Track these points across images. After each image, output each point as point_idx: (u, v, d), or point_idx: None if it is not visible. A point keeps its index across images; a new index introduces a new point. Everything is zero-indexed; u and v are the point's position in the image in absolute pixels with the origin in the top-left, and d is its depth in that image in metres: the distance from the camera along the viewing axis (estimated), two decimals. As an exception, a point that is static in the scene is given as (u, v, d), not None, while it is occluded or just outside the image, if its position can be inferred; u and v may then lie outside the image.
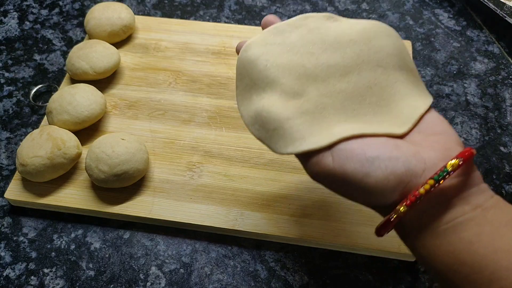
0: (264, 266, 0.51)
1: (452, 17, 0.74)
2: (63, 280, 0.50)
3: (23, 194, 0.55)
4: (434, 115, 0.36)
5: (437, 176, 0.31)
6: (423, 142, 0.34)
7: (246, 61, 0.39)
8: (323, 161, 0.34)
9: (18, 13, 0.76)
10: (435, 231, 0.32)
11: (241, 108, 0.40)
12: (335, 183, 0.34)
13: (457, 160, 0.31)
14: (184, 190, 0.55)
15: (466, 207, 0.32)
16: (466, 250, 0.31)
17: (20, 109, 0.65)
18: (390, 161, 0.32)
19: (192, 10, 0.76)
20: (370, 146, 0.33)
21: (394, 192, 0.32)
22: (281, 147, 0.36)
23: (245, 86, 0.40)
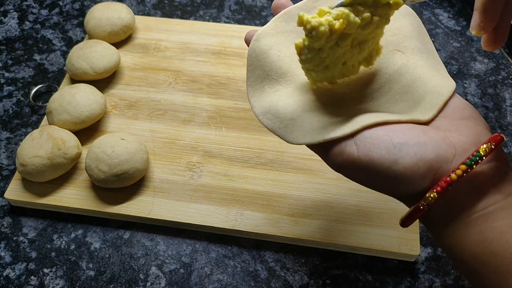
0: (264, 266, 0.51)
1: (452, 17, 0.74)
2: (63, 280, 0.50)
3: (23, 194, 0.55)
4: (459, 100, 0.35)
5: (470, 161, 0.30)
6: (451, 127, 0.33)
7: (258, 51, 0.38)
8: (346, 151, 0.32)
9: (18, 13, 0.76)
10: (465, 220, 0.31)
11: (252, 99, 0.38)
12: (361, 173, 0.32)
13: (489, 144, 0.30)
14: (184, 190, 0.55)
15: (498, 195, 0.30)
16: (497, 240, 0.30)
17: (20, 109, 0.65)
18: (419, 146, 0.31)
19: (192, 10, 0.76)
20: (396, 132, 0.32)
21: (424, 179, 0.31)
22: (298, 137, 0.34)
23: (257, 77, 0.38)
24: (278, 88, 0.37)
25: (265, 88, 0.38)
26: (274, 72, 0.38)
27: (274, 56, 0.38)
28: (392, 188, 0.32)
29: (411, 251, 0.49)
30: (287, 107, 0.35)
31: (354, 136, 0.32)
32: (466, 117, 0.33)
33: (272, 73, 0.38)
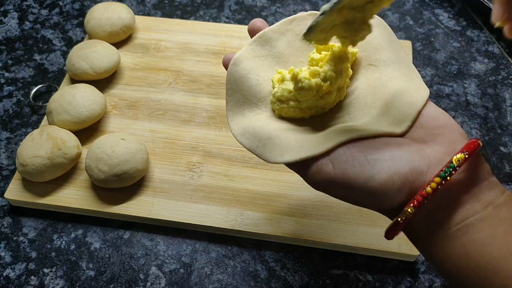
0: (264, 266, 0.51)
1: (452, 17, 0.74)
2: (63, 280, 0.50)
3: (23, 194, 0.55)
4: (433, 108, 0.34)
5: (443, 173, 0.29)
6: (425, 137, 0.33)
7: (237, 76, 0.39)
8: (323, 169, 0.32)
9: (18, 13, 0.76)
10: (446, 232, 0.30)
11: (232, 122, 0.38)
12: (339, 190, 0.33)
13: (462, 154, 0.30)
14: (184, 190, 0.55)
15: (477, 205, 0.30)
16: (479, 252, 0.29)
17: (20, 109, 0.65)
18: (393, 161, 0.31)
19: (192, 10, 0.76)
20: (370, 148, 0.32)
21: (400, 193, 0.31)
22: (276, 156, 0.35)
23: (236, 101, 0.39)
24: (258, 112, 0.38)
25: (245, 112, 0.39)
26: (253, 97, 0.39)
27: (253, 81, 0.38)
28: (371, 203, 0.33)
29: (411, 251, 0.49)
30: (265, 127, 0.36)
31: (330, 154, 0.32)
32: (440, 125, 0.33)
33: (251, 97, 0.39)
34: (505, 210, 0.30)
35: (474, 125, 0.62)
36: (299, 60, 0.39)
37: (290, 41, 0.39)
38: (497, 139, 0.61)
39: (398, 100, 0.35)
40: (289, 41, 0.39)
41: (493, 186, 0.31)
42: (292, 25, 0.40)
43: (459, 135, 0.32)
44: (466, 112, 0.63)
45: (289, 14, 0.75)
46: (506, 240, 0.29)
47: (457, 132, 0.33)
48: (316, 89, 0.36)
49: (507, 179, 0.57)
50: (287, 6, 0.76)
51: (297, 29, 0.40)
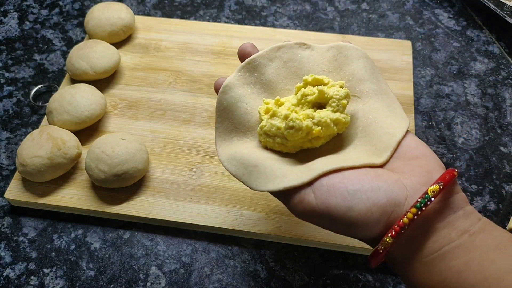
0: (264, 266, 0.51)
1: (452, 17, 0.74)
2: (63, 280, 0.50)
3: (23, 194, 0.55)
4: (412, 139, 0.36)
5: (419, 203, 0.31)
6: (404, 167, 0.34)
7: (226, 104, 0.39)
8: (305, 199, 0.33)
9: (18, 13, 0.76)
10: (423, 260, 0.31)
11: (220, 149, 0.39)
12: (320, 220, 0.33)
13: (437, 185, 0.31)
14: (184, 190, 0.55)
15: (452, 233, 0.31)
16: (455, 279, 0.30)
17: (20, 109, 0.65)
18: (372, 192, 0.32)
19: (192, 10, 0.76)
20: (350, 179, 0.33)
21: (378, 224, 0.32)
22: (261, 184, 0.35)
23: (225, 128, 0.40)
24: (246, 141, 0.39)
25: (233, 140, 0.40)
26: (242, 126, 0.40)
27: (242, 109, 0.39)
28: (351, 232, 0.33)
29: (411, 251, 0.49)
30: (252, 154, 0.37)
31: (312, 184, 0.33)
32: (418, 156, 0.34)
33: (240, 126, 0.40)
34: (481, 237, 0.31)
35: (474, 125, 0.62)
36: (286, 88, 0.41)
37: (277, 68, 0.41)
38: (497, 139, 0.61)
39: (379, 131, 0.36)
40: (277, 68, 0.41)
41: (468, 214, 0.32)
42: (280, 52, 0.41)
43: (436, 165, 0.34)
44: (466, 112, 0.63)
45: (289, 14, 0.75)
46: (482, 266, 0.30)
47: (434, 162, 0.34)
48: (306, 132, 0.37)
49: (507, 179, 0.57)
50: (287, 6, 0.76)
51: (284, 57, 0.41)
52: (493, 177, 0.57)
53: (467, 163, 0.58)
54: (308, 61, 0.41)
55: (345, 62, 0.40)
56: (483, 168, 0.58)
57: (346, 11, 0.75)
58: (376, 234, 0.32)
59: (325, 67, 0.40)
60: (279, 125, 0.37)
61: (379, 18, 0.74)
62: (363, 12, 0.75)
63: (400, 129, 0.36)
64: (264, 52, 0.41)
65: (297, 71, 0.41)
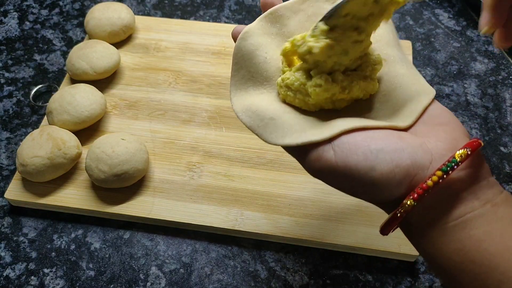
0: (264, 266, 0.51)
1: (452, 17, 0.74)
2: (63, 280, 0.50)
3: (23, 194, 0.55)
4: (438, 106, 0.35)
5: (445, 167, 0.29)
6: (429, 133, 0.33)
7: (245, 51, 0.37)
8: (324, 156, 0.32)
9: (18, 13, 0.76)
10: (443, 227, 0.30)
11: (234, 98, 0.37)
12: (338, 179, 0.32)
13: (465, 150, 0.30)
14: (184, 190, 0.55)
15: (475, 202, 0.30)
16: (475, 248, 0.29)
17: (20, 109, 0.65)
18: (396, 153, 0.30)
19: (192, 10, 0.76)
20: (373, 138, 0.31)
21: (400, 186, 0.31)
22: (277, 137, 0.33)
23: (241, 77, 0.38)
24: (262, 91, 0.37)
25: (249, 89, 0.37)
26: (260, 75, 0.37)
27: (261, 58, 0.37)
28: (370, 194, 0.32)
29: (411, 251, 0.49)
30: (269, 106, 0.35)
31: (332, 141, 0.32)
32: (444, 122, 0.33)
33: (258, 75, 0.37)
34: (503, 209, 0.30)
35: (474, 125, 0.62)
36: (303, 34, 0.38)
37: (301, 21, 0.38)
38: (497, 139, 0.61)
39: (404, 97, 0.35)
40: (300, 22, 0.38)
41: (492, 185, 0.31)
42: (305, 5, 0.39)
43: (462, 134, 0.33)
44: (466, 112, 0.63)
45: (289, 14, 0.75)
46: (503, 237, 0.29)
47: (459, 130, 0.33)
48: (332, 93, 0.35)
49: (507, 179, 0.57)
50: None
51: (309, 10, 0.38)
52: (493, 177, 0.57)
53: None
54: None
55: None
56: (483, 168, 0.58)
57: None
58: (396, 197, 0.31)
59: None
60: (303, 81, 0.35)
61: (379, 18, 0.74)
62: (363, 12, 0.75)
63: (427, 95, 0.35)
64: (289, 3, 0.38)
65: None
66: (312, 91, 0.34)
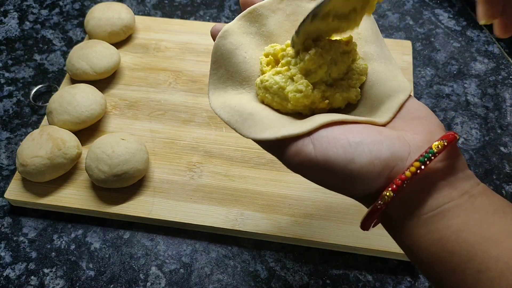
0: (264, 266, 0.51)
1: (452, 17, 0.74)
2: (63, 280, 0.50)
3: (23, 194, 0.55)
4: (413, 101, 0.35)
5: (423, 157, 0.30)
6: (405, 127, 0.33)
7: (224, 49, 0.37)
8: (303, 150, 0.32)
9: (18, 13, 0.76)
10: (421, 218, 0.31)
11: (212, 96, 0.37)
12: (318, 173, 0.32)
13: (441, 141, 0.31)
14: (184, 190, 0.55)
15: (453, 192, 0.31)
16: (454, 238, 0.30)
17: (20, 109, 0.65)
18: (374, 145, 0.31)
19: (192, 10, 0.76)
20: (352, 131, 0.32)
21: (379, 178, 0.31)
22: (256, 132, 0.33)
23: (220, 76, 0.37)
24: (241, 91, 0.37)
25: (227, 89, 0.37)
26: (239, 75, 0.37)
27: (240, 57, 0.37)
28: (349, 187, 0.32)
29: (411, 251, 0.49)
30: (248, 104, 0.35)
31: (311, 135, 0.32)
32: (420, 116, 0.34)
33: (237, 75, 0.37)
34: (480, 199, 0.31)
35: (474, 125, 0.62)
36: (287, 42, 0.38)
37: (280, 21, 0.39)
38: (497, 139, 0.61)
39: (381, 94, 0.35)
40: (279, 21, 0.39)
41: (469, 177, 0.32)
42: (283, 4, 0.39)
43: (437, 127, 0.33)
44: (466, 112, 0.63)
45: (289, 14, 0.75)
46: (481, 228, 0.30)
47: (435, 124, 0.33)
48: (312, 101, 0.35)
49: (507, 179, 0.57)
50: (287, 6, 0.76)
51: (288, 9, 0.39)
52: (493, 177, 0.57)
53: (467, 163, 0.58)
54: None
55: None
56: (483, 168, 0.58)
57: None
58: (376, 189, 0.31)
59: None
60: (283, 85, 0.35)
61: (379, 18, 0.74)
62: (363, 12, 0.75)
63: (403, 92, 0.35)
64: (267, 2, 0.39)
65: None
66: (292, 96, 0.34)
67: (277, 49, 0.37)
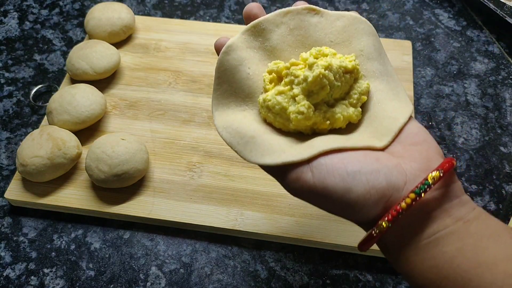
0: (264, 266, 0.51)
1: (452, 17, 0.74)
2: (63, 280, 0.50)
3: (23, 194, 0.55)
4: (414, 125, 0.35)
5: (418, 189, 0.30)
6: (404, 152, 0.33)
7: (227, 65, 0.37)
8: (302, 177, 0.32)
9: (18, 13, 0.76)
10: (417, 245, 0.31)
11: (216, 112, 0.37)
12: (316, 199, 0.33)
13: (437, 172, 0.31)
14: (184, 190, 0.55)
15: (447, 220, 0.31)
16: (448, 264, 0.30)
17: (20, 109, 0.65)
18: (371, 174, 0.31)
19: (192, 10, 0.76)
20: (350, 160, 0.32)
21: (376, 207, 0.32)
22: (256, 156, 0.34)
23: (224, 91, 0.38)
24: (244, 108, 0.38)
25: (231, 105, 0.38)
26: (242, 91, 0.38)
27: (243, 74, 0.37)
28: (347, 214, 0.33)
29: (411, 251, 0.49)
30: (250, 126, 0.36)
31: (310, 163, 0.33)
32: (419, 142, 0.34)
33: (240, 91, 0.37)
34: (475, 225, 0.31)
35: (474, 125, 0.62)
36: (291, 57, 0.39)
37: (283, 35, 0.39)
38: (497, 139, 0.61)
39: (382, 114, 0.36)
40: (283, 35, 0.39)
41: (464, 203, 0.32)
42: (286, 18, 0.39)
43: (436, 153, 0.33)
44: (466, 112, 0.63)
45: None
46: (475, 253, 0.30)
47: (433, 150, 0.34)
48: (313, 122, 0.35)
49: (507, 179, 0.57)
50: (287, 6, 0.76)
51: (291, 23, 0.39)
52: (493, 177, 0.57)
53: (467, 163, 0.58)
54: (315, 29, 0.39)
55: (355, 36, 0.38)
56: (483, 168, 0.58)
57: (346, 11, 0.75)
58: (372, 217, 0.32)
59: (333, 38, 0.38)
60: (285, 105, 0.35)
61: (379, 18, 0.74)
62: (363, 12, 0.75)
63: (403, 114, 0.35)
64: (271, 16, 0.39)
65: (303, 40, 0.39)
66: (294, 117, 0.35)
67: (281, 67, 0.37)
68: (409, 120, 0.35)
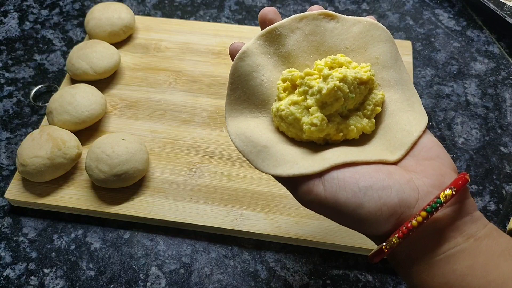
0: (264, 266, 0.51)
1: (452, 17, 0.74)
2: (63, 280, 0.50)
3: (23, 194, 0.55)
4: (428, 139, 0.35)
5: (430, 207, 0.30)
6: (417, 167, 0.33)
7: (242, 71, 0.37)
8: (314, 190, 0.32)
9: (18, 13, 0.76)
10: (428, 262, 0.31)
11: (229, 118, 0.37)
12: (327, 211, 0.33)
13: (450, 190, 0.31)
14: (184, 190, 0.55)
15: (459, 237, 0.31)
16: (459, 282, 0.30)
17: (20, 109, 0.65)
18: (384, 190, 0.31)
19: (192, 10, 0.76)
20: (362, 175, 0.32)
21: (387, 223, 0.32)
22: (269, 166, 0.34)
23: (237, 97, 0.37)
24: (257, 115, 0.37)
25: (244, 111, 0.37)
26: (255, 98, 0.37)
27: (258, 80, 0.37)
28: (358, 228, 0.33)
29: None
30: (263, 135, 0.36)
31: (322, 176, 0.32)
32: (432, 157, 0.34)
33: (253, 98, 0.37)
34: (486, 242, 0.31)
35: (474, 125, 0.62)
36: (305, 63, 0.38)
37: (298, 41, 0.38)
38: (497, 139, 0.61)
39: (395, 126, 0.35)
40: (298, 41, 0.38)
41: (475, 220, 0.32)
42: (302, 23, 0.38)
43: (449, 169, 0.33)
44: (466, 112, 0.63)
45: (289, 14, 0.75)
46: (486, 271, 0.30)
47: (447, 165, 0.33)
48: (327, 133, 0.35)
49: (507, 179, 0.57)
50: (287, 6, 0.76)
51: (306, 29, 0.38)
52: (493, 177, 0.57)
53: (467, 163, 0.58)
54: (331, 35, 0.38)
55: (371, 43, 0.37)
56: (483, 168, 0.58)
57: (346, 11, 0.75)
58: (384, 232, 0.32)
59: (349, 44, 0.38)
60: (298, 116, 0.35)
61: (379, 18, 0.74)
62: (363, 12, 0.75)
63: (418, 127, 0.35)
64: (287, 21, 0.38)
65: (319, 46, 0.38)
66: (307, 129, 0.35)
67: (295, 76, 0.36)
68: (424, 133, 0.35)
